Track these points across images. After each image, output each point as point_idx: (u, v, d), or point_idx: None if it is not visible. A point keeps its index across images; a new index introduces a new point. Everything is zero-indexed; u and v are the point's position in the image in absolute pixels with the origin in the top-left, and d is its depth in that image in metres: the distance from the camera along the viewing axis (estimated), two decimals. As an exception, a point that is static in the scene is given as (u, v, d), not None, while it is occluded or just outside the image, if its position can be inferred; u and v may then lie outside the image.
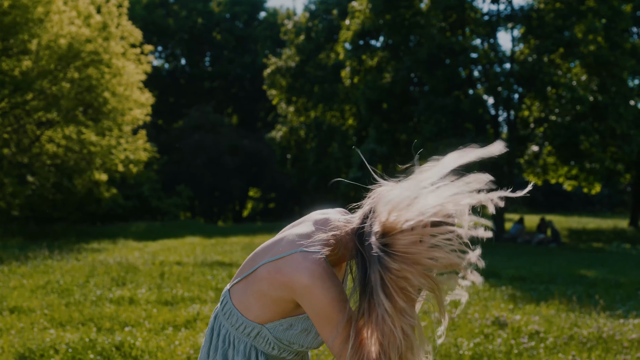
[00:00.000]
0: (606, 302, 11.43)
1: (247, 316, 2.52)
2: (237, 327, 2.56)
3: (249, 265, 2.56)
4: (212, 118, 52.34)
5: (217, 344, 2.62)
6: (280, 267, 2.41)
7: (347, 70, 32.51)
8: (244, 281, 2.56)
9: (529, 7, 30.65)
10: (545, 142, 30.40)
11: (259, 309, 2.49)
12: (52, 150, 28.52)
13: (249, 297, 2.51)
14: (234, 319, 2.56)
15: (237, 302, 2.56)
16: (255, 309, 2.50)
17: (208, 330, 2.69)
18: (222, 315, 2.63)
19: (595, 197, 58.28)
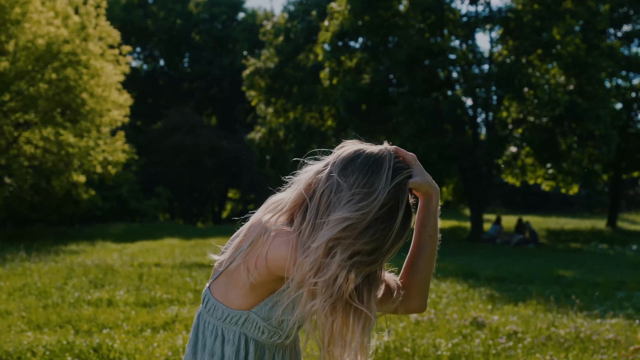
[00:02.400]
0: (583, 302, 11.49)
1: (232, 307, 2.53)
2: (223, 320, 2.56)
3: (225, 261, 2.56)
4: (191, 119, 52.17)
5: (205, 340, 2.61)
6: (256, 252, 2.41)
7: (326, 72, 32.50)
8: (222, 276, 2.56)
9: (507, 9, 30.77)
10: (523, 143, 30.53)
11: (241, 297, 2.50)
12: (30, 152, 28.37)
13: (230, 289, 2.52)
14: (219, 313, 2.56)
15: (219, 296, 2.57)
16: (239, 298, 2.51)
17: (192, 331, 2.68)
18: (205, 312, 2.63)
19: (573, 198, 58.58)
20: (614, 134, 28.59)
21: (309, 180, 2.44)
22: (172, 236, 29.55)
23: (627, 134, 37.33)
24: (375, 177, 2.33)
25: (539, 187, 48.57)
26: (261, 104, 41.30)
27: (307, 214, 2.37)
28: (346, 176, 2.34)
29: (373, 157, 2.38)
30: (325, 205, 2.34)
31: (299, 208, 2.44)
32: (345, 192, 2.30)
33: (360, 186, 2.31)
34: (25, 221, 35.79)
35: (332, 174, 2.37)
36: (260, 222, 2.49)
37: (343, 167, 2.38)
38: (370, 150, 2.42)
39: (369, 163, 2.36)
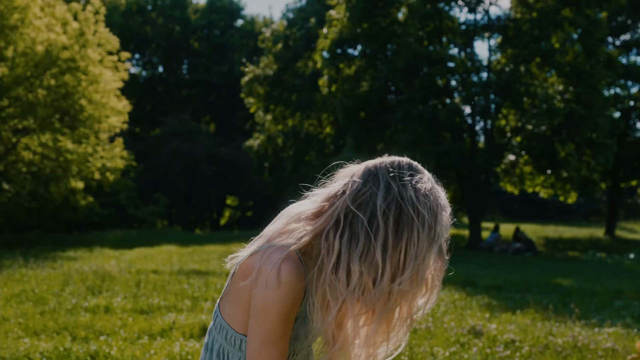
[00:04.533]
0: (581, 311, 11.49)
1: (236, 328, 2.43)
2: (229, 341, 2.47)
3: (231, 273, 2.49)
4: (189, 126, 52.20)
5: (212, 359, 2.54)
6: (249, 263, 2.33)
7: (325, 79, 32.53)
8: (226, 293, 2.48)
9: (506, 17, 30.81)
10: (522, 152, 30.55)
11: (244, 318, 2.40)
12: (28, 158, 28.35)
13: (233, 306, 2.43)
14: (224, 333, 2.47)
15: (225, 314, 2.47)
16: (241, 318, 2.41)
17: (203, 348, 2.61)
18: (214, 330, 2.54)
19: (572, 206, 58.60)
20: (611, 143, 28.62)
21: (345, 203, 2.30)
22: (169, 243, 29.52)
23: (625, 143, 37.38)
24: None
25: (537, 195, 48.62)
26: (260, 111, 41.37)
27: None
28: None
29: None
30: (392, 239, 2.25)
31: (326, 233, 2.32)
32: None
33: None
34: (22, 227, 35.77)
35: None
36: (265, 236, 2.41)
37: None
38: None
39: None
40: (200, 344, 8.05)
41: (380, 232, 2.22)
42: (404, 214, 2.25)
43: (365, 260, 2.23)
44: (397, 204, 2.25)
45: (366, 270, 2.23)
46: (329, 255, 2.26)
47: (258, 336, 2.29)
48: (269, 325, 2.27)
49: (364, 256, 2.23)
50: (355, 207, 2.25)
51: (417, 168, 2.39)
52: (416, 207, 2.26)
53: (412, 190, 2.28)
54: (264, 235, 2.43)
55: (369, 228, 2.23)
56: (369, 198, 2.26)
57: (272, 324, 2.27)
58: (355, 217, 2.25)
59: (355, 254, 2.22)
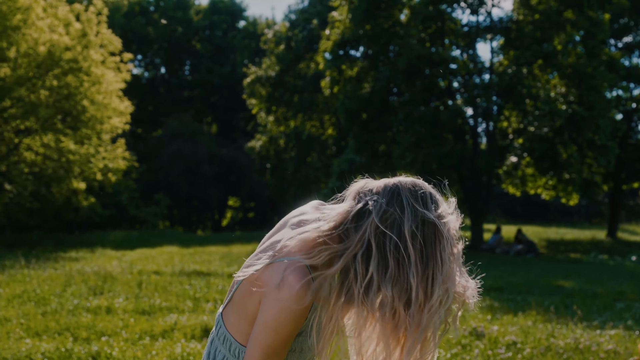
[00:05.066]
0: (583, 312, 11.48)
1: (240, 340, 2.43)
2: (233, 353, 2.46)
3: (233, 285, 2.49)
4: (191, 127, 52.21)
5: None
6: (258, 278, 2.31)
7: (327, 80, 32.50)
8: (230, 303, 2.47)
9: (508, 19, 30.79)
10: (524, 153, 30.53)
11: (250, 331, 2.39)
12: (30, 158, 28.37)
13: (238, 318, 2.42)
14: (228, 344, 2.47)
15: (229, 325, 2.47)
16: (247, 331, 2.40)
17: (204, 357, 2.60)
18: (217, 340, 2.53)
19: (573, 208, 58.55)
20: (613, 146, 28.59)
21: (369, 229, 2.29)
22: (171, 244, 29.53)
23: (627, 145, 37.35)
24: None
25: (539, 197, 48.60)
26: (262, 112, 41.37)
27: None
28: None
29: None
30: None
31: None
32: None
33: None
34: (24, 228, 35.77)
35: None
36: (272, 250, 2.38)
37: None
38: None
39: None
40: (202, 345, 8.05)
41: (410, 257, 2.24)
42: (430, 238, 2.29)
43: (396, 284, 2.24)
44: (423, 229, 2.28)
45: (397, 294, 2.25)
46: (360, 279, 2.26)
47: (260, 348, 2.29)
48: (274, 339, 2.28)
49: (395, 280, 2.24)
50: (384, 231, 2.26)
51: (433, 191, 2.44)
52: (441, 231, 2.31)
53: (435, 214, 2.33)
54: (272, 245, 2.42)
55: (398, 253, 2.25)
56: (396, 221, 2.27)
57: (278, 339, 2.28)
58: (384, 241, 2.26)
59: (387, 279, 2.24)
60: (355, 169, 30.38)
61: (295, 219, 2.54)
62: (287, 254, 2.33)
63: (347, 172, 30.07)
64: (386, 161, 31.89)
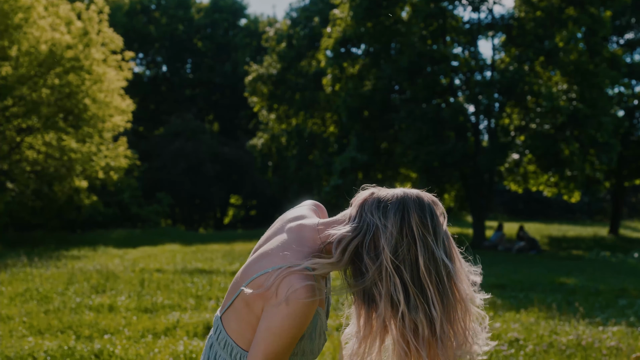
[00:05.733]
0: (585, 309, 11.48)
1: (242, 345, 2.42)
2: (234, 358, 2.46)
3: (233, 289, 2.47)
4: (192, 125, 52.21)
5: None
6: (262, 283, 2.31)
7: (329, 78, 32.49)
8: (232, 308, 2.45)
9: (510, 16, 30.78)
10: (525, 151, 30.50)
11: (252, 336, 2.39)
12: (32, 157, 28.38)
13: (240, 323, 2.41)
14: (229, 349, 2.46)
15: (230, 330, 2.46)
16: (249, 337, 2.40)
17: (203, 358, 2.59)
18: (217, 344, 2.52)
19: (575, 205, 58.50)
20: (615, 143, 28.56)
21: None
22: (173, 242, 29.54)
23: (629, 142, 37.32)
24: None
25: (541, 194, 48.57)
26: (263, 110, 41.33)
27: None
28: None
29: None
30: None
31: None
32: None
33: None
34: (26, 226, 35.79)
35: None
36: (274, 255, 2.38)
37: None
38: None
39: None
40: (204, 343, 8.05)
41: (428, 288, 2.29)
42: (443, 267, 2.33)
43: (418, 313, 2.28)
44: (435, 260, 2.32)
45: (422, 321, 2.28)
46: (390, 309, 2.30)
47: (263, 353, 2.29)
48: (278, 345, 2.29)
49: (417, 310, 2.28)
50: (399, 263, 2.29)
51: (438, 209, 2.43)
52: (452, 256, 2.42)
53: (443, 241, 2.38)
54: (274, 250, 2.42)
55: (415, 284, 2.29)
56: (409, 254, 2.29)
57: (281, 344, 2.29)
58: (399, 273, 2.29)
59: (410, 308, 2.28)
60: (357, 167, 30.39)
61: (293, 224, 2.53)
62: (293, 260, 2.34)
63: (349, 170, 30.09)
64: (388, 159, 31.90)
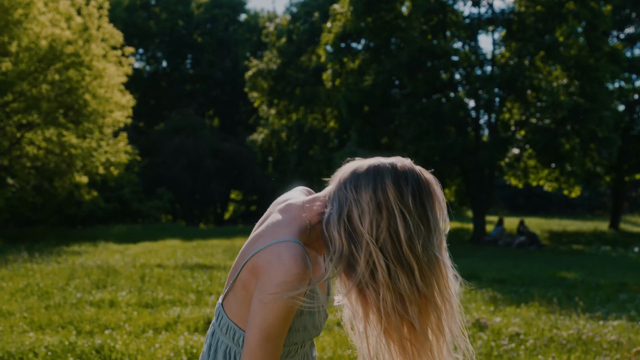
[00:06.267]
0: (586, 304, 11.48)
1: (244, 328, 2.41)
2: (237, 342, 2.44)
3: (232, 274, 2.46)
4: (193, 121, 52.22)
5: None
6: (256, 261, 2.31)
7: (329, 73, 32.49)
8: (231, 292, 2.45)
9: (510, 11, 30.75)
10: (526, 145, 30.49)
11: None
12: (33, 153, 28.39)
13: (241, 306, 2.40)
14: (231, 333, 2.45)
15: (231, 314, 2.45)
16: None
17: (205, 349, 2.58)
18: (219, 331, 2.51)
19: (576, 200, 58.52)
20: (615, 137, 28.56)
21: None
22: (173, 237, 29.55)
23: (630, 136, 37.31)
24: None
25: (541, 189, 48.60)
26: (263, 105, 41.34)
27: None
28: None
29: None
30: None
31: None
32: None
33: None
34: (27, 222, 35.81)
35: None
36: (266, 234, 2.38)
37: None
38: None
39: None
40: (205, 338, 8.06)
41: (411, 261, 2.25)
42: (425, 236, 2.28)
43: (404, 285, 2.26)
44: (418, 231, 2.27)
45: (407, 295, 2.27)
46: (375, 292, 2.27)
47: (259, 330, 2.26)
48: (273, 317, 2.26)
49: (400, 283, 2.25)
50: (383, 240, 2.26)
51: (418, 178, 2.39)
52: (432, 226, 2.30)
53: (420, 209, 2.29)
54: (264, 230, 2.42)
55: (398, 259, 2.25)
56: (391, 227, 2.25)
57: (276, 316, 2.26)
58: (376, 247, 2.25)
59: (393, 282, 2.26)
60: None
61: (282, 205, 2.55)
62: (282, 236, 2.33)
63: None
64: (388, 154, 31.78)
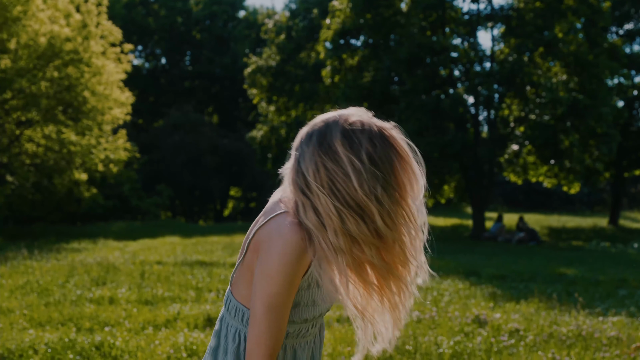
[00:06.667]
0: (585, 300, 11.49)
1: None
2: (245, 323, 2.47)
3: (238, 258, 2.50)
4: (192, 117, 52.19)
5: (227, 345, 2.53)
6: (257, 238, 2.38)
7: (328, 70, 32.48)
8: (239, 275, 2.50)
9: (509, 7, 30.75)
10: (525, 142, 30.49)
11: None
12: (32, 150, 28.38)
13: (247, 287, 2.45)
14: (240, 315, 2.48)
15: (239, 296, 2.49)
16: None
17: (214, 336, 2.61)
18: (228, 315, 2.55)
19: (575, 196, 58.57)
20: (615, 133, 28.57)
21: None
22: (173, 234, 29.55)
23: (629, 132, 37.34)
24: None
25: (540, 185, 48.60)
26: (263, 102, 41.30)
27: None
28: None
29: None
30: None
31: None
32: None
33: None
34: (26, 219, 35.81)
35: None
36: (266, 213, 2.45)
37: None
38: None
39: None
40: (204, 334, 8.07)
41: (365, 206, 2.27)
42: (383, 181, 2.29)
43: (356, 230, 2.27)
44: (373, 176, 2.27)
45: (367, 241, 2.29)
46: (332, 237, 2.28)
47: (262, 300, 2.30)
48: (275, 288, 2.29)
49: (352, 226, 2.27)
50: (334, 188, 2.28)
51: (370, 128, 2.38)
52: (388, 171, 2.31)
53: (374, 155, 2.30)
54: (261, 218, 2.46)
55: (349, 205, 2.27)
56: (341, 175, 2.28)
57: (277, 287, 2.29)
58: (336, 196, 2.28)
59: (347, 229, 2.28)
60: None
61: (277, 195, 2.59)
62: (279, 210, 2.39)
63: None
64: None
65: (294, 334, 2.52)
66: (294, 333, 2.51)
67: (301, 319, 2.49)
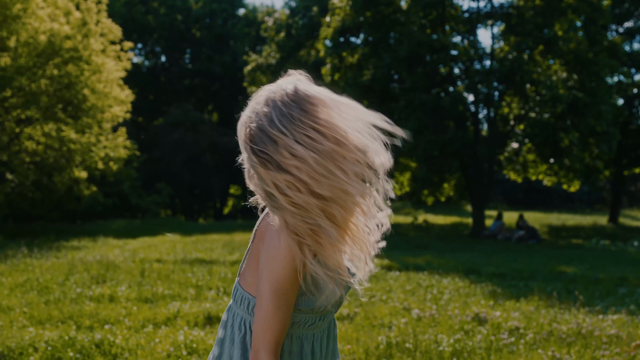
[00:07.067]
0: (585, 298, 11.49)
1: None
2: (251, 312, 2.50)
3: (246, 249, 2.54)
4: (192, 115, 52.13)
5: (234, 335, 2.55)
6: (262, 226, 2.44)
7: (328, 68, 32.48)
8: (246, 265, 2.53)
9: (509, 5, 30.76)
10: (525, 140, 30.50)
11: None
12: (32, 148, 28.37)
13: (254, 276, 2.48)
14: (245, 303, 2.51)
15: (246, 285, 2.52)
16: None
17: (221, 327, 2.64)
18: (234, 304, 2.58)
19: (575, 194, 58.60)
20: (615, 132, 28.58)
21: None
22: (173, 232, 29.53)
23: (629, 130, 37.34)
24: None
25: (540, 183, 48.60)
26: (262, 100, 41.31)
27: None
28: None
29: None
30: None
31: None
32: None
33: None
34: (26, 218, 35.79)
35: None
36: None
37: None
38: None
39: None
40: (204, 332, 8.07)
41: (293, 169, 2.28)
42: (313, 143, 2.33)
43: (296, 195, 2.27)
44: (307, 140, 2.32)
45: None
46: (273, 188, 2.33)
47: (268, 284, 2.32)
48: (280, 272, 2.31)
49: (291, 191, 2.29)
50: (266, 154, 2.33)
51: (294, 87, 2.57)
52: (317, 131, 2.42)
53: (300, 117, 2.46)
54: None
55: (280, 168, 2.31)
56: (270, 137, 2.33)
57: (283, 270, 2.31)
58: (269, 163, 2.33)
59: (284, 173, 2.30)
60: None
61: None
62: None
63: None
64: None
65: (299, 323, 2.52)
66: (300, 322, 2.52)
67: (307, 308, 2.49)
